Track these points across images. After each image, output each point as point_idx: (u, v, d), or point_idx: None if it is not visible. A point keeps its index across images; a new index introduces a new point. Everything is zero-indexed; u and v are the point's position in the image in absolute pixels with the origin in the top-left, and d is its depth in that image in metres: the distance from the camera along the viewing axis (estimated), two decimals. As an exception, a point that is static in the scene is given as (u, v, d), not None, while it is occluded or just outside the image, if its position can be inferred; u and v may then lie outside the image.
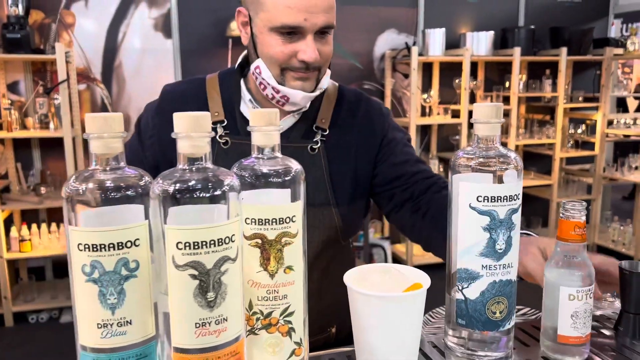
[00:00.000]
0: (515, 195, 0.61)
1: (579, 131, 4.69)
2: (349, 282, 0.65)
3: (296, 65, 0.96)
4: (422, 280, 0.65)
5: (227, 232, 0.51)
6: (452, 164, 0.65)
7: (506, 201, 0.60)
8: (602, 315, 0.94)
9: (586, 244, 0.72)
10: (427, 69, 4.34)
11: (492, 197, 0.60)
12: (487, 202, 0.60)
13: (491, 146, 0.63)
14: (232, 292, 0.52)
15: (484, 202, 0.60)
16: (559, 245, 0.72)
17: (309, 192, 0.72)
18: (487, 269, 0.60)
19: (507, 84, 4.37)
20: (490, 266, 0.60)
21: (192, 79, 1.12)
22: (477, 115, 0.63)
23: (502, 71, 4.52)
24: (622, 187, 5.79)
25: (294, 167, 0.60)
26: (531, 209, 4.66)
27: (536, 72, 4.59)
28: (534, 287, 0.79)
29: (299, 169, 0.60)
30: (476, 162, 0.62)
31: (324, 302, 1.07)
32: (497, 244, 0.59)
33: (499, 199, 0.60)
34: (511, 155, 0.64)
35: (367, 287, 0.65)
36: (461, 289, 0.63)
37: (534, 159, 4.77)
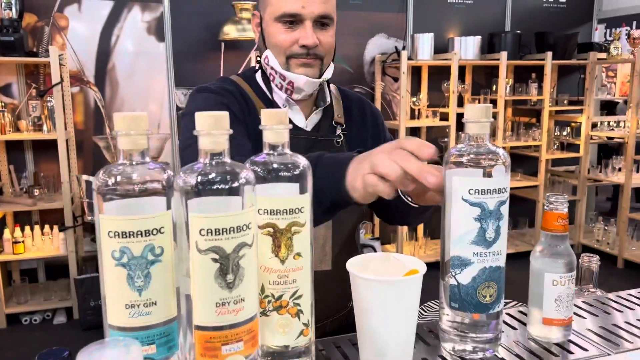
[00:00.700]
0: (503, 188, 0.67)
1: (564, 133, 4.79)
2: (351, 269, 0.71)
3: (298, 51, 1.06)
4: (418, 266, 0.71)
5: (245, 220, 0.57)
6: (445, 160, 0.71)
7: (495, 194, 0.66)
8: (584, 301, 1.01)
9: (568, 234, 0.78)
10: (416, 72, 4.41)
11: (482, 190, 0.66)
12: (478, 194, 0.66)
13: (481, 144, 0.69)
14: (249, 274, 0.58)
15: (475, 194, 0.66)
16: (544, 235, 0.79)
17: None
18: (478, 256, 0.66)
19: (494, 87, 4.45)
20: (480, 253, 0.65)
21: (222, 79, 1.18)
22: (468, 115, 0.69)
23: (489, 75, 4.60)
24: (606, 189, 5.90)
25: (302, 163, 0.65)
26: (518, 209, 4.75)
27: (522, 75, 4.68)
28: (522, 283, 0.84)
29: (306, 164, 0.66)
30: (467, 159, 0.68)
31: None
32: (487, 233, 0.65)
33: (488, 191, 0.66)
34: (499, 152, 0.69)
35: (368, 274, 0.71)
36: (454, 275, 0.68)
37: (521, 161, 4.86)
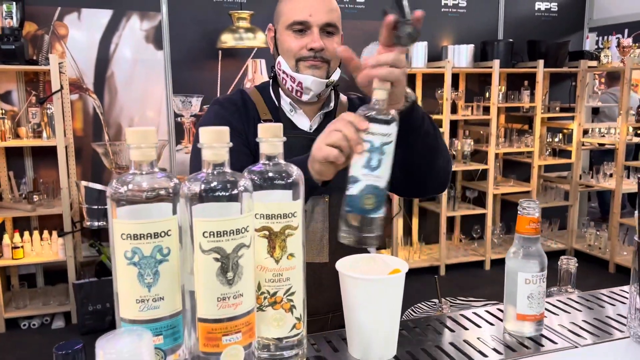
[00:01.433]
0: (388, 134, 0.85)
1: (556, 140, 4.85)
2: (340, 268, 0.78)
3: (306, 54, 1.19)
4: (401, 266, 0.78)
5: (243, 223, 0.63)
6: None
7: (383, 137, 0.84)
8: (558, 300, 1.08)
9: (539, 236, 0.85)
10: (410, 80, 4.48)
11: (374, 133, 0.85)
12: (371, 135, 0.85)
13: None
14: (247, 272, 0.65)
15: (368, 135, 0.85)
16: (517, 237, 0.86)
17: (340, 181, 0.91)
18: (364, 176, 0.84)
19: (487, 94, 4.51)
20: (366, 174, 0.84)
21: (236, 92, 1.32)
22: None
23: (483, 82, 4.67)
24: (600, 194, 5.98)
25: (295, 172, 0.73)
26: (511, 215, 4.82)
27: (515, 83, 4.74)
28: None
29: (299, 173, 0.73)
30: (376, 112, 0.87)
31: None
32: (372, 162, 0.84)
33: (375, 133, 0.84)
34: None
35: (355, 272, 0.78)
36: (349, 188, 0.85)
37: (513, 167, 4.92)
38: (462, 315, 1.00)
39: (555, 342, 0.87)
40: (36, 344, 3.24)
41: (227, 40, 3.62)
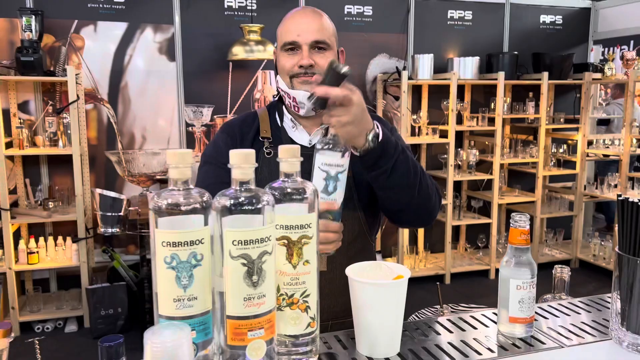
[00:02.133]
0: (342, 165, 1.03)
1: (561, 150, 4.90)
2: (350, 274, 0.87)
3: (298, 71, 1.29)
4: (404, 272, 0.88)
5: (266, 233, 0.73)
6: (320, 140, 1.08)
7: (336, 167, 1.02)
8: (550, 305, 1.16)
9: (530, 246, 0.94)
10: (416, 91, 4.56)
11: (330, 164, 1.02)
12: (327, 167, 1.02)
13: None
14: (269, 276, 0.74)
15: (324, 166, 1.02)
16: (510, 247, 0.95)
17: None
18: (321, 199, 1.00)
19: (492, 105, 4.57)
20: (324, 198, 1.02)
21: (248, 114, 1.44)
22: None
23: (488, 94, 4.71)
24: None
25: (310, 188, 0.82)
26: (515, 224, 4.87)
27: (520, 94, 4.80)
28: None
29: (314, 189, 0.83)
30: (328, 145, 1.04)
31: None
32: (329, 188, 1.02)
33: (335, 165, 1.02)
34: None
35: (364, 278, 0.87)
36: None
37: (518, 177, 4.97)
38: (460, 318, 1.10)
39: (543, 343, 0.96)
40: (49, 348, 3.28)
41: (238, 52, 3.72)
